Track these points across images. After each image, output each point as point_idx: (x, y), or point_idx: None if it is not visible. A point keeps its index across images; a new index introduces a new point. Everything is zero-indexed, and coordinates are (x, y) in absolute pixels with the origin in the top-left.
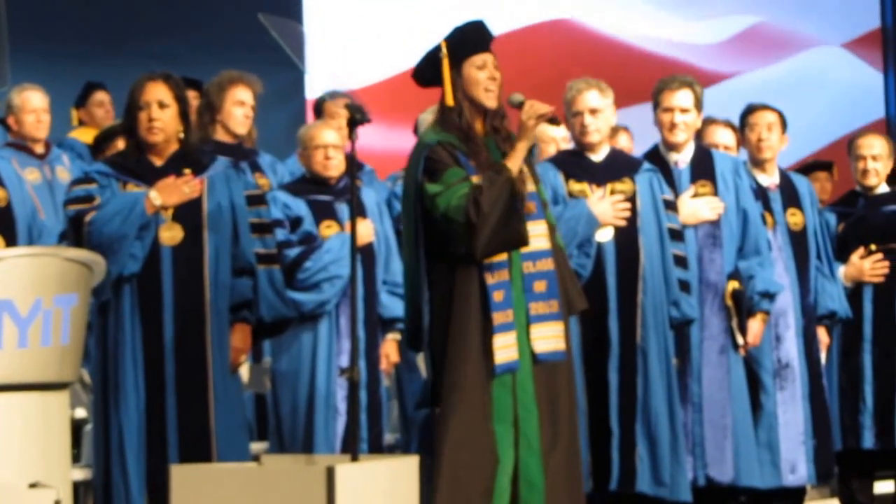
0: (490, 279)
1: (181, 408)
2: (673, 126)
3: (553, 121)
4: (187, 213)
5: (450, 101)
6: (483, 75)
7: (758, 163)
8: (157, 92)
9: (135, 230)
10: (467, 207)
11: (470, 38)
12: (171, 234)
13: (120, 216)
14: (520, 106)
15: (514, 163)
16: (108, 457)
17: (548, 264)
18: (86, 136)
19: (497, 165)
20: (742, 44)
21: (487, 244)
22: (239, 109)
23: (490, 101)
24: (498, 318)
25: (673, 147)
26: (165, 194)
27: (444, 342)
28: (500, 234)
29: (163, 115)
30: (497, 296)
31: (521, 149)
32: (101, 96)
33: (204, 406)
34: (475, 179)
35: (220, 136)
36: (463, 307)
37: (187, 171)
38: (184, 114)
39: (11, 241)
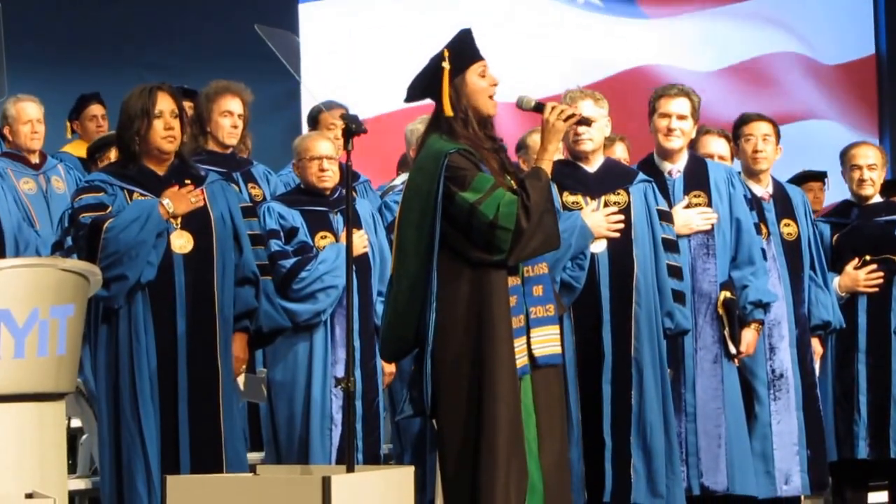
0: (511, 282)
1: (193, 417)
2: (669, 131)
3: (584, 122)
4: (196, 222)
5: (451, 110)
6: (485, 82)
7: (752, 173)
8: (170, 101)
9: (153, 237)
10: (518, 214)
11: (469, 46)
12: (181, 243)
13: (137, 223)
14: (537, 109)
15: (548, 165)
16: (119, 465)
17: (542, 268)
18: (78, 150)
19: (535, 170)
20: None
21: (531, 249)
22: (226, 120)
23: (491, 109)
24: (515, 322)
25: (667, 155)
26: (175, 202)
27: (459, 349)
28: (540, 237)
29: (177, 125)
30: (513, 300)
31: (551, 151)
32: (94, 109)
33: (215, 415)
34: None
35: (212, 146)
36: (488, 312)
37: (188, 181)
38: (183, 124)
39: None
